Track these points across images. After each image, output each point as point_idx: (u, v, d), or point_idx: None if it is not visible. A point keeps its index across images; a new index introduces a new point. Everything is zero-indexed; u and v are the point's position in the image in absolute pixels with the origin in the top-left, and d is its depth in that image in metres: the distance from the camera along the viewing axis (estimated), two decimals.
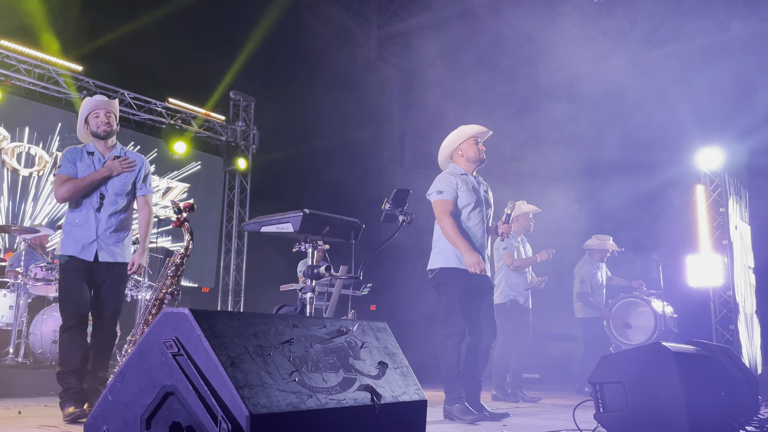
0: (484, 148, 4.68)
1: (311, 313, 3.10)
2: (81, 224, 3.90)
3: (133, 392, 1.77)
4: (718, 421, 3.36)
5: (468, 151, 4.61)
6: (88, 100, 4.10)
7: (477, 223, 4.47)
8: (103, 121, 4.00)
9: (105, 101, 4.09)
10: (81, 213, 3.91)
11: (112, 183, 3.96)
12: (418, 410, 2.14)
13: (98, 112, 4.04)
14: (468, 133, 4.64)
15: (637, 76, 10.71)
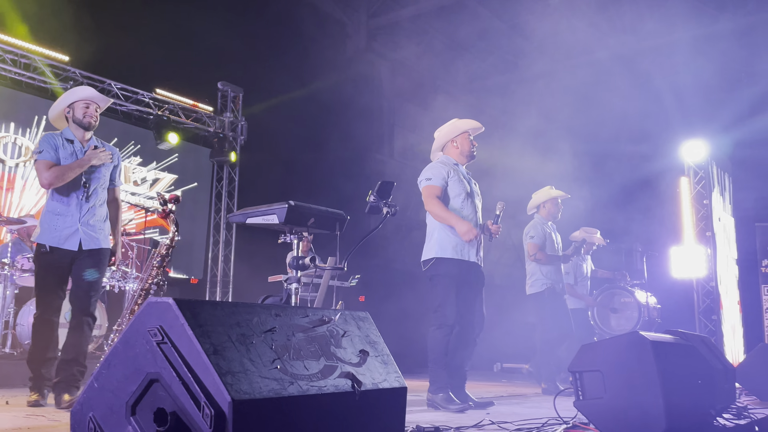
0: (476, 143, 4.76)
1: (297, 303, 3.14)
2: (63, 213, 3.88)
3: (119, 379, 1.81)
4: (694, 408, 3.44)
5: (463, 144, 4.68)
6: (83, 88, 4.07)
7: (470, 213, 4.52)
8: (92, 113, 4.02)
9: (102, 96, 4.11)
10: (63, 202, 3.90)
11: (95, 173, 3.98)
12: (398, 397, 2.19)
13: (89, 103, 4.04)
14: (463, 128, 4.70)
15: (623, 68, 10.78)
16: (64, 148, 3.95)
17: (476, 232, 4.31)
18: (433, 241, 4.50)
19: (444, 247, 4.42)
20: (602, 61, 11.05)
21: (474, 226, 4.47)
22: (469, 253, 4.47)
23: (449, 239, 4.42)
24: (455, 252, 4.39)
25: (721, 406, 3.82)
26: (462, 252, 4.43)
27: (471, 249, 4.49)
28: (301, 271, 3.21)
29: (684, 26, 10.49)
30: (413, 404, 4.43)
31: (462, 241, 4.41)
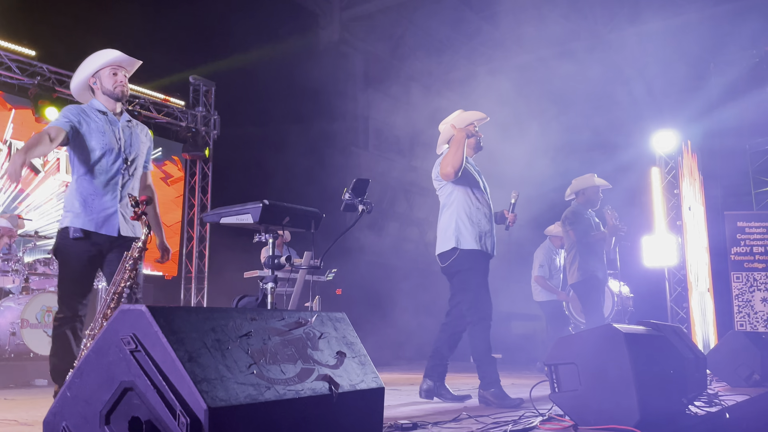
0: (482, 135, 4.64)
1: (273, 302, 3.13)
2: (97, 193, 3.36)
3: (92, 388, 1.78)
4: (667, 398, 3.50)
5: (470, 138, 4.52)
6: (107, 52, 3.56)
7: (484, 204, 4.44)
8: (122, 80, 3.53)
9: (130, 59, 3.58)
10: (99, 181, 3.38)
11: (134, 150, 3.53)
12: (376, 397, 2.19)
13: (117, 69, 3.54)
14: (469, 119, 4.57)
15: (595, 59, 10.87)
16: (95, 121, 3.44)
17: (468, 131, 4.29)
18: (449, 234, 4.40)
19: (463, 239, 4.33)
20: (574, 52, 11.13)
21: (489, 220, 4.41)
22: (488, 244, 4.39)
23: (468, 231, 4.33)
24: (476, 243, 4.31)
25: (692, 394, 3.89)
26: (481, 243, 4.35)
27: (487, 240, 4.39)
28: (277, 270, 3.19)
29: (653, 16, 10.61)
30: (392, 398, 4.45)
31: (480, 232, 4.33)
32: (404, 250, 13.28)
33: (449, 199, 4.48)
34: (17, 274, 6.20)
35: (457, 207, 4.41)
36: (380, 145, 13.32)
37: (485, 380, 4.23)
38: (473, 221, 4.35)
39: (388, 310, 10.47)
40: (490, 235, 4.40)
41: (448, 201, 4.47)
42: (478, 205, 4.40)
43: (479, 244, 4.31)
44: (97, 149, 3.40)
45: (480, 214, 4.38)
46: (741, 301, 8.66)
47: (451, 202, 4.45)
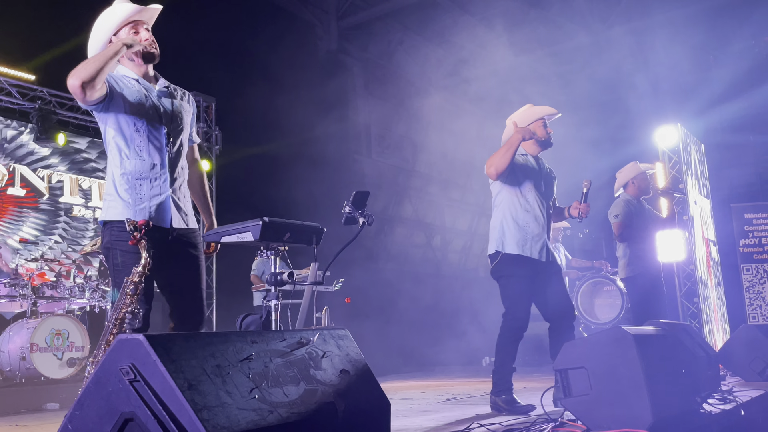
0: (551, 130, 4.41)
1: (277, 320, 3.11)
2: (144, 176, 2.82)
3: (93, 420, 1.77)
4: (680, 398, 3.46)
5: (536, 132, 4.30)
6: (117, 8, 2.98)
7: (535, 206, 4.23)
8: (146, 36, 2.98)
9: (145, 9, 3.01)
10: (142, 161, 2.84)
11: (177, 121, 2.99)
12: (382, 415, 2.17)
13: (137, 25, 2.97)
14: (538, 114, 4.35)
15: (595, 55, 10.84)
16: (129, 88, 2.89)
17: (526, 132, 4.08)
18: (495, 236, 4.26)
19: (506, 242, 4.19)
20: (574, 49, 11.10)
21: (540, 224, 4.20)
22: (533, 249, 4.18)
23: (512, 234, 4.18)
24: (518, 248, 4.15)
25: (706, 392, 3.85)
26: (524, 248, 4.16)
27: (535, 245, 4.18)
28: (279, 287, 3.17)
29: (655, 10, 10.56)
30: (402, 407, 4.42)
31: (525, 236, 4.16)
32: (412, 256, 13.25)
33: (497, 199, 4.32)
34: (25, 298, 6.21)
35: (503, 208, 4.26)
36: (383, 151, 13.31)
37: (497, 386, 4.17)
38: (519, 224, 4.18)
39: (397, 316, 10.44)
40: (538, 239, 4.18)
41: (497, 201, 4.33)
42: (527, 206, 4.22)
43: (523, 249, 4.15)
44: (137, 122, 2.85)
45: (529, 216, 4.19)
46: (752, 293, 8.58)
47: (499, 202, 4.30)
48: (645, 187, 5.83)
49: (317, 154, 10.73)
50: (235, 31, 9.74)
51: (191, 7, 9.30)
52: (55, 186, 8.40)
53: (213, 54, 9.41)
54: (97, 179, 8.84)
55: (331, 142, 11.13)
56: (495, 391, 4.18)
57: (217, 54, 9.43)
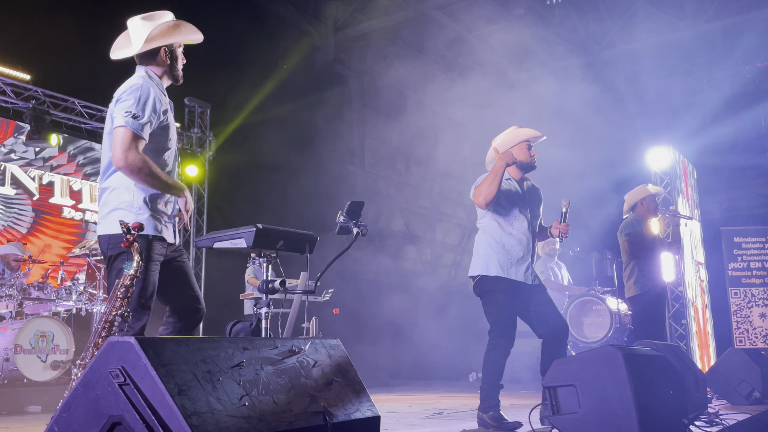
0: (535, 153, 4.40)
1: (267, 328, 3.09)
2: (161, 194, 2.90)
3: (80, 423, 1.74)
4: (668, 418, 3.46)
5: (520, 154, 4.30)
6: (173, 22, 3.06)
7: (519, 230, 4.24)
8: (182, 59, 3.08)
9: (192, 28, 3.11)
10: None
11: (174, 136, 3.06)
12: (372, 426, 2.15)
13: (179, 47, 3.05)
14: (522, 137, 4.34)
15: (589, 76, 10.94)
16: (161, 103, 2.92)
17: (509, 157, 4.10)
18: (478, 257, 4.26)
19: (489, 264, 4.19)
20: (568, 69, 11.20)
21: (524, 246, 4.22)
22: (517, 272, 4.18)
23: (496, 256, 4.18)
24: (501, 270, 4.16)
25: (693, 414, 3.86)
26: (509, 271, 4.17)
27: (519, 267, 4.19)
28: (271, 295, 3.15)
29: (647, 33, 10.68)
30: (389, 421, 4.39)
31: (510, 259, 4.18)
32: (401, 269, 13.23)
33: (482, 221, 4.35)
34: (11, 299, 6.14)
35: (487, 231, 4.28)
36: (376, 163, 13.33)
37: (485, 403, 4.15)
38: (504, 247, 4.19)
39: (385, 329, 10.41)
40: (522, 261, 4.19)
41: (481, 223, 4.35)
42: (511, 230, 4.23)
43: (508, 272, 4.16)
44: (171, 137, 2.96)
45: (513, 240, 4.21)
46: (739, 317, 8.62)
47: (484, 224, 4.32)
48: (653, 208, 5.90)
49: (310, 163, 10.73)
50: (232, 38, 9.75)
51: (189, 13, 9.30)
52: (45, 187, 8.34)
53: (209, 60, 9.40)
54: (88, 181, 8.78)
55: (325, 152, 11.13)
56: (482, 407, 4.16)
57: (212, 60, 9.41)
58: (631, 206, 5.92)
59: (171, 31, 3.02)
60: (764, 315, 8.64)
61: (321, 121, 11.05)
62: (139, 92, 2.80)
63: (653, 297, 5.65)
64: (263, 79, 10.21)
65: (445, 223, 14.85)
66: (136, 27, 3.02)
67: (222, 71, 9.62)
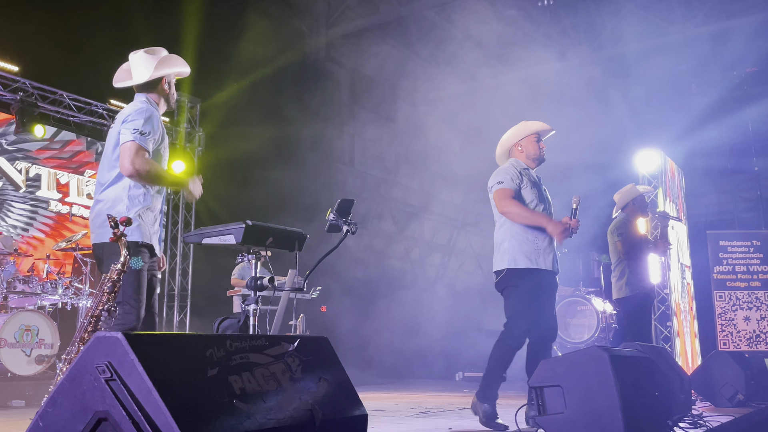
0: (545, 146, 4.39)
1: (255, 325, 3.08)
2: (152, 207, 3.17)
3: (65, 418, 1.73)
4: (652, 420, 3.49)
5: (528, 147, 4.32)
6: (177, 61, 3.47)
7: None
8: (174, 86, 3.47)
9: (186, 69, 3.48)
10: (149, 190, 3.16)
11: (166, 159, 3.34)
12: (359, 425, 2.15)
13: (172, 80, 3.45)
14: (531, 129, 4.33)
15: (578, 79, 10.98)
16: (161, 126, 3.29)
17: (567, 226, 4.01)
18: (503, 251, 4.15)
19: (517, 257, 4.08)
20: (558, 72, 11.24)
21: (547, 235, 4.12)
22: (546, 261, 4.11)
23: (522, 248, 4.08)
24: (529, 261, 4.07)
25: (678, 416, 3.89)
26: (537, 261, 4.09)
27: (547, 256, 4.13)
28: (259, 292, 3.15)
29: (637, 38, 10.74)
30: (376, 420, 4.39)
31: (536, 248, 4.09)
32: (390, 268, 13.24)
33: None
34: None
35: (510, 222, 4.17)
36: (366, 162, 13.32)
37: (483, 391, 4.07)
38: (528, 238, 4.10)
39: (372, 328, 10.41)
40: (548, 250, 4.12)
41: (503, 216, 4.23)
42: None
43: (536, 262, 4.07)
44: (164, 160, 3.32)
45: (537, 230, 4.11)
46: (724, 320, 8.69)
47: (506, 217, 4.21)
48: (644, 208, 5.94)
49: (300, 160, 10.70)
50: (223, 33, 9.70)
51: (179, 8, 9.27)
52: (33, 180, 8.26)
53: (199, 55, 9.35)
54: (76, 175, 8.71)
55: (315, 149, 11.11)
56: (480, 394, 4.09)
57: (203, 55, 9.37)
58: (622, 205, 5.94)
59: (170, 63, 3.43)
60: (748, 318, 8.72)
61: (311, 119, 11.03)
62: (145, 114, 3.14)
63: (642, 299, 5.66)
64: (253, 75, 10.17)
65: (433, 222, 14.87)
66: (138, 59, 3.39)
67: (212, 67, 9.57)
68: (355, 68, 12.98)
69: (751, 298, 8.79)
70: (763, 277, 8.87)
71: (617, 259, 5.77)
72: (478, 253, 15.43)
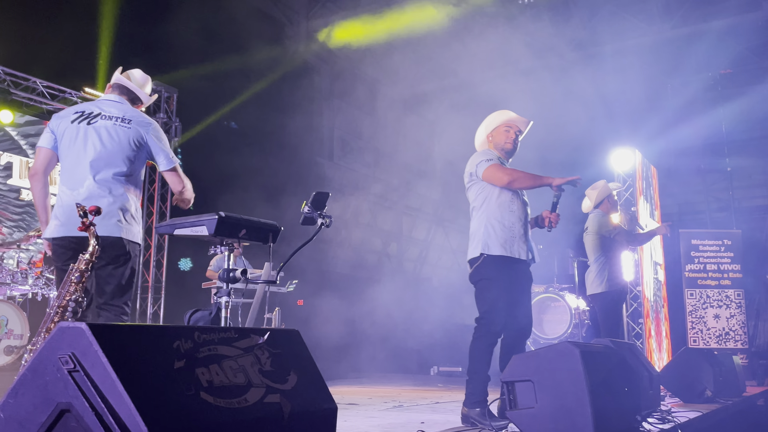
0: (514, 136, 4.26)
1: (227, 317, 3.05)
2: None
3: (27, 410, 1.70)
4: (621, 415, 3.53)
5: (497, 138, 4.24)
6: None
7: (518, 206, 4.10)
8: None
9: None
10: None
11: None
12: (329, 418, 2.15)
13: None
14: (499, 120, 4.26)
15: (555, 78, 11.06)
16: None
17: (563, 180, 3.93)
18: (477, 238, 4.04)
19: (491, 244, 3.98)
20: (535, 71, 11.30)
21: (523, 223, 4.08)
22: (520, 249, 4.03)
23: (497, 234, 3.98)
24: (504, 249, 3.97)
25: (646, 411, 3.94)
26: (512, 249, 4.00)
27: (522, 245, 4.04)
28: (231, 284, 3.12)
29: (613, 38, 10.84)
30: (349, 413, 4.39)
31: (512, 235, 4.00)
32: (367, 262, 13.23)
33: (478, 200, 4.12)
34: None
35: (486, 209, 4.07)
36: (345, 156, 13.29)
37: (471, 397, 3.91)
38: (504, 225, 4.01)
39: (349, 322, 10.40)
40: (524, 239, 4.05)
41: (477, 202, 4.12)
42: (512, 207, 4.06)
43: (510, 250, 3.98)
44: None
45: (513, 217, 4.04)
46: (694, 317, 8.84)
47: (481, 203, 4.10)
48: (616, 204, 6.05)
49: (278, 153, 10.64)
50: (202, 26, 9.59)
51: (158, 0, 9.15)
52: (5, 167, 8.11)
53: (176, 45, 9.24)
54: None
55: (294, 142, 11.05)
56: (468, 402, 3.90)
57: (180, 45, 9.26)
58: (597, 202, 6.00)
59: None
60: (718, 316, 8.88)
61: (291, 111, 10.96)
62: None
63: (616, 295, 5.74)
64: (233, 67, 10.08)
65: (411, 218, 14.89)
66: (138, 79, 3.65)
67: (190, 57, 9.46)
68: (335, 62, 12.92)
69: (721, 297, 8.95)
70: (734, 276, 9.05)
71: (596, 256, 5.82)
72: (455, 249, 15.50)
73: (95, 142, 3.27)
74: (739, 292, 8.95)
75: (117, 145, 3.29)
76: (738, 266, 9.04)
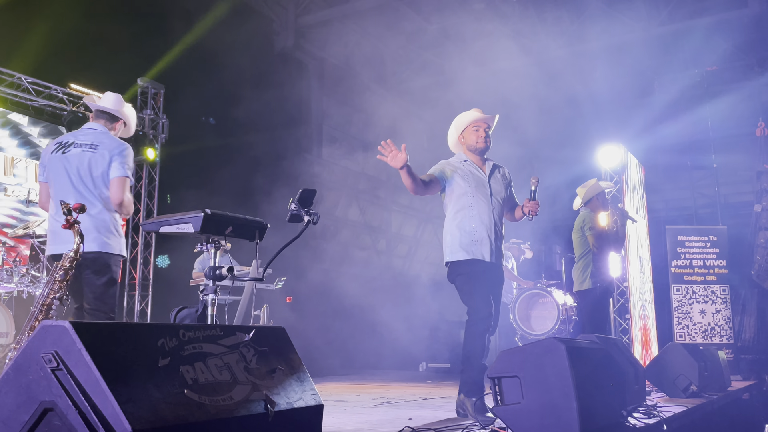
0: (484, 134, 4.32)
1: (213, 315, 3.05)
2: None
3: (10, 408, 1.69)
4: (607, 410, 3.56)
5: (468, 138, 4.34)
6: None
7: (482, 211, 4.15)
8: None
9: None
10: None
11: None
12: (315, 415, 2.15)
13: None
14: (466, 121, 4.36)
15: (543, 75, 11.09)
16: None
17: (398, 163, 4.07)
18: (445, 244, 4.21)
19: (454, 250, 4.14)
20: (524, 67, 11.34)
21: (488, 226, 4.14)
22: (483, 252, 4.11)
23: (460, 240, 4.11)
24: (466, 253, 4.09)
25: (632, 406, 3.97)
26: (474, 252, 4.10)
27: (484, 247, 4.11)
28: (218, 281, 3.11)
29: (600, 34, 10.89)
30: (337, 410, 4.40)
31: (473, 240, 4.10)
32: (356, 258, 13.23)
33: (444, 206, 4.29)
34: None
35: (450, 215, 4.23)
36: (333, 152, 13.27)
37: (467, 386, 3.96)
38: (465, 230, 4.12)
39: (337, 318, 10.41)
40: (486, 241, 4.12)
41: (445, 209, 4.30)
42: (471, 212, 4.14)
43: (473, 253, 4.08)
44: None
45: (475, 221, 4.12)
46: (680, 312, 8.92)
47: (446, 209, 4.27)
48: (606, 203, 6.09)
49: (266, 149, 10.61)
50: (188, 20, 9.53)
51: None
52: None
53: (164, 41, 9.19)
54: (33, 160, 8.49)
55: (282, 138, 11.02)
56: (465, 390, 3.97)
57: (168, 41, 9.20)
58: (587, 200, 6.05)
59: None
60: (704, 312, 8.96)
61: (278, 107, 10.93)
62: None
63: (602, 292, 5.82)
64: (220, 61, 10.03)
65: (401, 214, 14.90)
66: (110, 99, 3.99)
67: (177, 52, 9.40)
68: (324, 58, 12.89)
69: (707, 292, 9.03)
70: (719, 272, 9.13)
71: (583, 252, 5.89)
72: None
73: (69, 168, 3.61)
74: (724, 288, 9.04)
75: (86, 169, 3.62)
76: (724, 262, 9.12)
